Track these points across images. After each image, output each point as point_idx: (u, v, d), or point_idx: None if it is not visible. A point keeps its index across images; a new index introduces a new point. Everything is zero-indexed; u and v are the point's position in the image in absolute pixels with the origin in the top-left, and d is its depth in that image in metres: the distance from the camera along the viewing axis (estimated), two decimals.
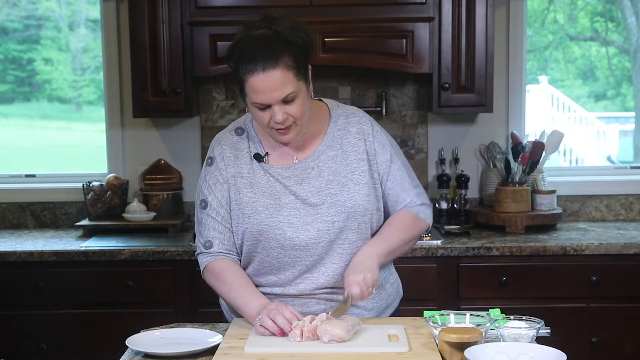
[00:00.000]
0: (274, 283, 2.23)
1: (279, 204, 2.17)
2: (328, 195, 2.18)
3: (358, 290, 2.07)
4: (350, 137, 2.25)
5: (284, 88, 2.04)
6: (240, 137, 2.26)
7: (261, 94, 2.05)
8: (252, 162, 2.22)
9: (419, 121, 4.02)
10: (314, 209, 2.17)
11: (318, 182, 2.20)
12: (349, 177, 2.21)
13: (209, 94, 4.02)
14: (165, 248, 3.44)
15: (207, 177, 2.25)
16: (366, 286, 2.08)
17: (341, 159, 2.22)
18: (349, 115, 2.28)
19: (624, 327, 3.45)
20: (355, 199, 2.19)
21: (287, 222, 2.16)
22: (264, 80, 2.03)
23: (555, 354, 1.78)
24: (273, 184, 2.19)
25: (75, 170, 4.38)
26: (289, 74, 2.05)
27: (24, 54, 5.19)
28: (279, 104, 2.06)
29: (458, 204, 3.93)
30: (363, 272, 2.09)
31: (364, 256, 2.15)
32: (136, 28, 3.64)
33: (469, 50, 3.63)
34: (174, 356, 1.98)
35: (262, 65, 2.02)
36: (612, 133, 8.30)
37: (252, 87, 2.06)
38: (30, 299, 3.46)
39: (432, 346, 1.96)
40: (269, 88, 2.04)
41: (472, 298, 3.42)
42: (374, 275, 2.11)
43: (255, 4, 3.60)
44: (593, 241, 3.46)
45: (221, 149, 2.25)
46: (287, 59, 2.04)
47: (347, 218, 2.18)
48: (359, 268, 2.11)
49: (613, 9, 5.59)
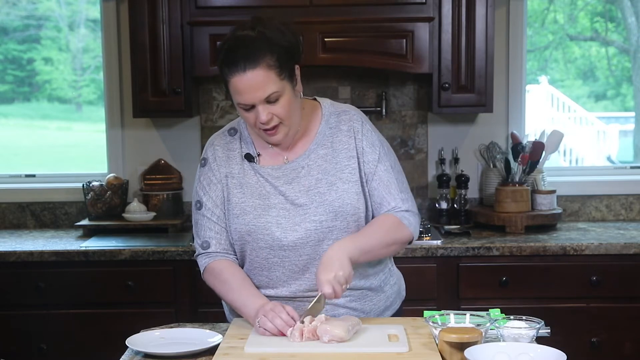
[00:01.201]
0: (266, 284, 2.23)
1: (267, 204, 2.17)
2: (316, 194, 2.17)
3: (330, 289, 2.02)
4: (341, 135, 2.23)
5: (266, 88, 2.05)
6: (232, 137, 2.27)
7: (244, 94, 2.06)
8: (243, 162, 2.23)
9: (419, 121, 4.02)
10: (302, 209, 2.16)
11: (307, 181, 2.19)
12: (338, 175, 2.19)
13: (209, 94, 4.02)
14: (165, 248, 3.44)
15: (201, 179, 2.26)
16: (338, 284, 2.03)
17: (331, 157, 2.21)
18: (340, 113, 2.26)
19: (624, 327, 3.45)
20: (344, 198, 2.17)
21: (275, 223, 2.16)
22: (246, 80, 2.04)
23: (555, 354, 1.78)
24: (263, 185, 2.19)
25: (75, 170, 4.38)
26: (271, 73, 2.05)
27: (24, 53, 5.19)
28: (262, 103, 2.07)
29: (458, 204, 3.93)
30: (334, 270, 2.03)
31: (335, 250, 2.07)
32: (136, 28, 3.64)
33: (469, 50, 3.63)
34: (174, 356, 1.98)
35: (242, 65, 2.04)
36: (612, 133, 8.29)
37: (234, 88, 2.07)
38: (30, 299, 3.46)
39: (432, 346, 1.96)
40: (251, 88, 2.05)
41: (472, 298, 3.42)
42: (346, 272, 2.04)
43: (255, 4, 3.60)
44: (593, 241, 3.46)
45: (213, 150, 2.26)
46: (269, 59, 2.05)
47: (335, 217, 2.17)
48: (330, 265, 2.04)
49: (613, 9, 5.59)
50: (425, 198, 4.04)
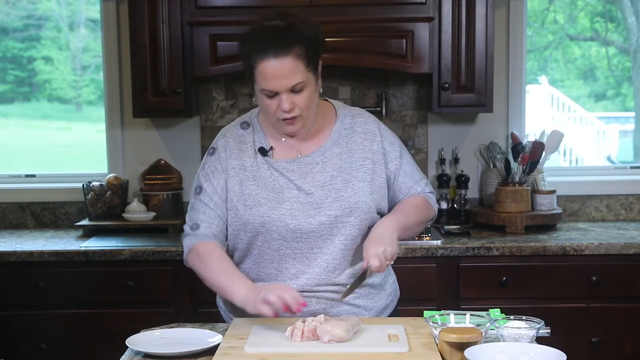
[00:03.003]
0: (274, 277, 2.23)
1: (281, 197, 2.19)
2: (332, 190, 2.21)
3: (378, 262, 2.07)
4: (356, 137, 2.28)
5: (293, 77, 2.08)
6: (245, 130, 2.28)
7: (270, 80, 2.08)
8: (256, 155, 2.24)
9: (419, 121, 4.02)
10: (317, 203, 2.19)
11: (322, 177, 2.22)
12: (353, 174, 2.23)
13: (209, 94, 4.02)
14: (165, 248, 3.44)
15: (206, 166, 2.28)
16: (386, 259, 2.09)
17: (346, 157, 2.25)
18: (355, 115, 2.32)
19: (624, 327, 3.45)
20: (359, 195, 2.21)
21: (289, 215, 2.18)
22: (275, 66, 2.07)
23: (555, 354, 1.79)
24: (277, 178, 2.21)
25: (75, 170, 4.39)
26: (300, 63, 2.09)
27: (24, 52, 5.19)
28: (286, 92, 2.10)
29: (458, 204, 3.94)
30: (384, 245, 2.09)
31: (385, 227, 2.16)
32: (136, 28, 3.64)
33: (469, 50, 3.63)
34: (174, 356, 1.98)
35: (274, 51, 2.07)
36: (612, 133, 8.29)
37: (262, 73, 2.09)
38: (30, 299, 3.46)
39: (432, 346, 1.96)
40: (279, 75, 2.08)
41: (472, 298, 3.42)
42: (394, 249, 2.12)
43: (255, 4, 3.61)
44: (593, 241, 3.46)
45: (225, 141, 2.28)
46: (299, 49, 2.09)
47: (350, 213, 2.20)
48: (381, 240, 2.11)
49: (613, 9, 5.59)
50: None
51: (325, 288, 2.22)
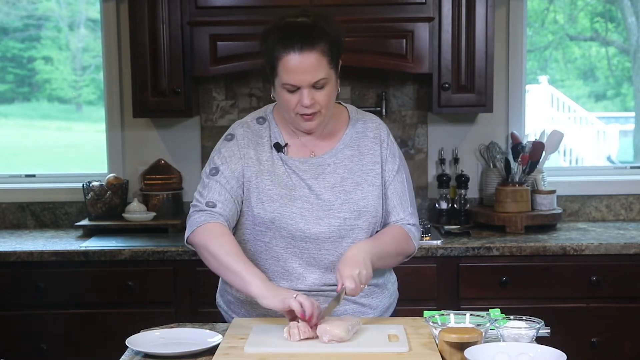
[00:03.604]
0: (280, 275, 2.23)
1: (293, 195, 2.19)
2: (342, 192, 2.21)
3: (353, 284, 2.03)
4: (367, 141, 2.29)
5: (317, 72, 2.09)
6: (261, 125, 2.28)
7: (293, 74, 2.09)
8: (271, 151, 2.24)
9: (419, 121, 4.02)
10: (327, 205, 2.20)
11: (333, 178, 2.22)
12: (363, 177, 2.24)
13: (209, 94, 4.02)
14: (165, 248, 3.44)
15: (223, 150, 2.25)
16: (360, 282, 2.05)
17: (357, 160, 2.26)
18: (367, 120, 2.33)
19: (623, 327, 3.45)
20: (368, 199, 2.22)
21: (299, 214, 2.18)
22: (300, 60, 2.08)
23: (555, 354, 1.79)
24: (290, 175, 2.22)
25: (75, 170, 4.38)
26: (324, 59, 2.10)
27: (24, 52, 5.19)
28: (308, 87, 2.11)
29: (458, 204, 3.94)
30: (359, 267, 2.06)
31: (359, 250, 2.12)
32: (136, 28, 3.64)
33: (469, 50, 3.63)
34: (174, 356, 1.98)
35: (299, 45, 2.08)
36: (612, 133, 8.29)
37: (285, 66, 2.10)
38: (30, 299, 3.46)
39: (432, 346, 1.96)
40: (303, 69, 2.09)
41: (472, 298, 3.42)
42: (369, 272, 2.08)
43: (255, 4, 3.61)
44: (593, 241, 3.46)
45: (243, 131, 2.27)
46: (324, 46, 2.10)
47: (359, 216, 2.21)
48: (355, 262, 2.07)
49: (613, 9, 5.59)
50: (425, 198, 4.04)
51: (332, 288, 2.22)
